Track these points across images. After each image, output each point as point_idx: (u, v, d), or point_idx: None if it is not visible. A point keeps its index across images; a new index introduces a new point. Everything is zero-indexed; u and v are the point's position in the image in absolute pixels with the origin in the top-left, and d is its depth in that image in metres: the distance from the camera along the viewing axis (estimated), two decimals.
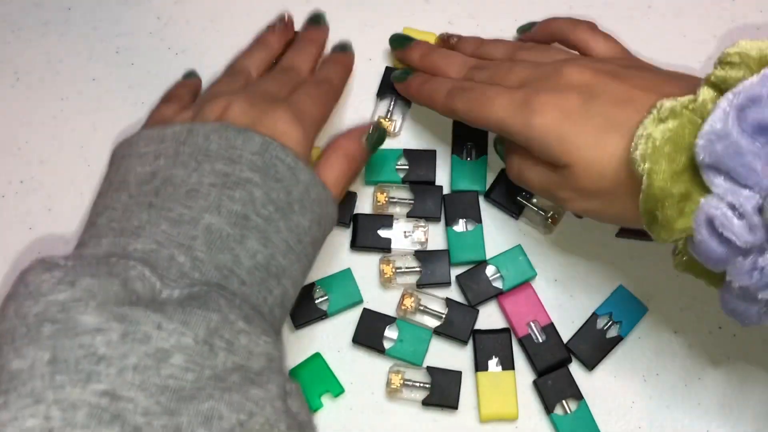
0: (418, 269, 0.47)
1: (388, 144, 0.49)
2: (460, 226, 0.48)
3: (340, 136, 0.44)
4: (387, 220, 0.48)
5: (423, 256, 0.47)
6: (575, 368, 0.47)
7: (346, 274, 0.47)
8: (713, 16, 0.52)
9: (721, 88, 0.33)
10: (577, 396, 0.45)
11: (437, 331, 0.46)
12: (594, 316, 0.47)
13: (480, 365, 0.46)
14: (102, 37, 0.54)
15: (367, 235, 0.47)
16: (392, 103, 0.50)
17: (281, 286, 0.37)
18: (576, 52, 0.45)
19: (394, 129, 0.50)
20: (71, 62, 0.53)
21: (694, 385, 0.46)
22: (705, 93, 0.33)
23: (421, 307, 0.46)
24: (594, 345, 0.46)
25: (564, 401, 0.45)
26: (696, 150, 0.31)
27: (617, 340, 0.46)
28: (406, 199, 0.49)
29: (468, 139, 0.49)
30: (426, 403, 0.45)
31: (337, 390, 0.46)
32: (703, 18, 0.52)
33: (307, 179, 0.38)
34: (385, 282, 0.47)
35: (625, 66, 0.40)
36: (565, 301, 0.48)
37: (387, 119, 0.50)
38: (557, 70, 0.40)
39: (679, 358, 0.46)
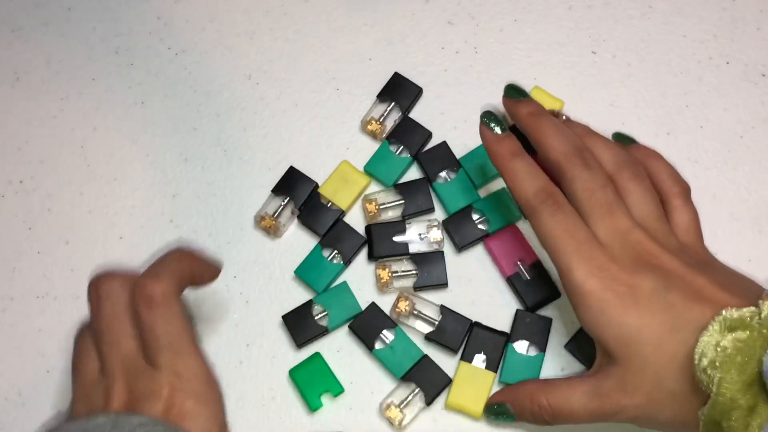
0: (414, 272, 0.47)
1: (371, 149, 0.50)
2: (444, 177, 0.48)
3: None
4: (400, 226, 0.48)
5: (418, 258, 0.47)
6: (575, 369, 0.46)
7: (343, 288, 0.47)
8: (713, 16, 0.52)
9: None
10: (541, 347, 0.46)
11: (429, 338, 0.46)
12: None
13: (466, 355, 0.46)
14: (102, 37, 0.54)
15: (383, 244, 0.47)
16: (389, 108, 0.51)
17: None
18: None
19: (382, 133, 0.50)
20: (71, 62, 0.54)
21: None
22: None
23: (415, 312, 0.46)
24: (591, 345, 0.43)
25: (529, 342, 0.46)
26: (765, 364, 0.31)
27: None
28: (395, 201, 0.49)
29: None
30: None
31: (337, 389, 0.46)
32: (703, 18, 0.52)
33: None
34: (382, 287, 0.47)
35: (700, 259, 0.38)
36: (565, 302, 0.48)
37: (378, 122, 0.50)
38: (644, 240, 0.37)
39: None
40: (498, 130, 0.41)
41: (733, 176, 0.49)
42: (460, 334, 0.46)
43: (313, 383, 0.46)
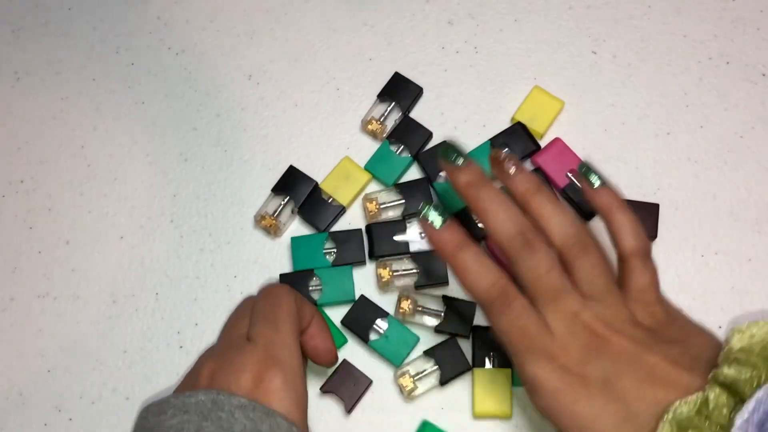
0: (414, 271, 0.47)
1: (371, 149, 0.50)
2: (443, 178, 0.48)
3: None
4: (400, 225, 0.48)
5: (419, 257, 0.47)
6: None
7: (345, 271, 0.47)
8: (713, 16, 0.52)
9: (730, 388, 0.33)
10: None
11: (438, 330, 0.46)
12: None
13: (477, 360, 0.46)
14: (102, 37, 0.54)
15: (383, 243, 0.47)
16: (389, 108, 0.51)
17: None
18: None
19: (382, 133, 0.50)
20: (71, 62, 0.54)
21: None
22: (717, 395, 0.33)
23: (419, 308, 0.46)
24: None
25: None
26: None
27: None
28: (396, 201, 0.49)
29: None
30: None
31: (341, 341, 0.46)
32: (703, 18, 0.52)
33: None
34: (383, 286, 0.47)
35: (654, 325, 0.37)
36: None
37: (378, 122, 0.50)
38: (599, 321, 0.36)
39: None
40: (438, 222, 0.39)
41: (733, 176, 0.49)
42: (467, 318, 0.46)
43: None
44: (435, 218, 0.39)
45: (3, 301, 0.49)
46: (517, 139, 0.49)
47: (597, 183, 0.41)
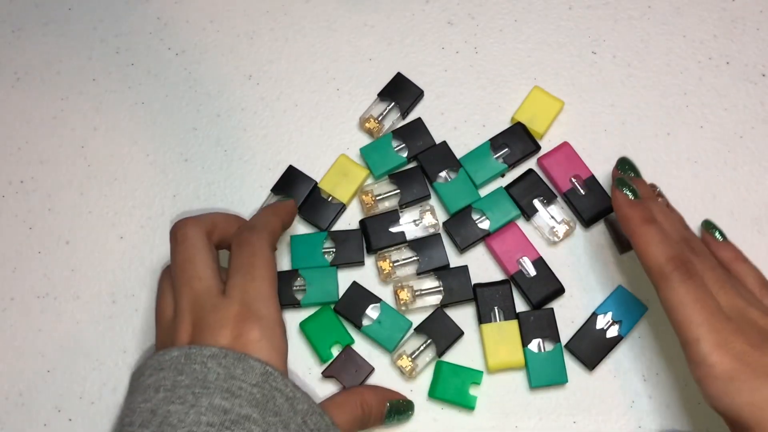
0: (415, 258, 0.47)
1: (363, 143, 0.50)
2: (444, 177, 0.48)
3: (367, 387, 0.44)
4: (394, 216, 0.48)
5: (416, 245, 0.47)
6: (575, 368, 0.47)
7: (330, 272, 0.47)
8: (713, 17, 0.53)
9: None
10: (555, 338, 0.46)
11: (444, 305, 0.46)
12: (594, 316, 0.47)
13: (483, 317, 0.46)
14: (102, 37, 0.54)
15: (379, 236, 0.47)
16: (388, 107, 0.50)
17: None
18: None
19: (379, 132, 0.50)
20: (71, 62, 0.54)
21: (693, 384, 0.46)
22: None
23: (418, 293, 0.47)
24: (594, 345, 0.46)
25: (541, 339, 0.46)
26: None
27: (617, 339, 0.46)
28: (391, 192, 0.48)
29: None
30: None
31: (347, 340, 0.46)
32: (703, 18, 0.53)
33: (305, 408, 0.37)
34: (386, 278, 0.48)
35: None
36: (565, 301, 0.48)
37: (376, 120, 0.50)
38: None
39: (679, 358, 0.45)
40: (630, 195, 0.42)
41: (733, 176, 0.49)
42: (465, 281, 0.46)
43: (324, 335, 0.46)
44: (629, 191, 0.42)
45: (3, 301, 0.49)
46: (517, 139, 0.50)
47: (720, 238, 0.45)
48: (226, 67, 0.53)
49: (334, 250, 0.48)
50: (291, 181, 0.49)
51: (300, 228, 0.50)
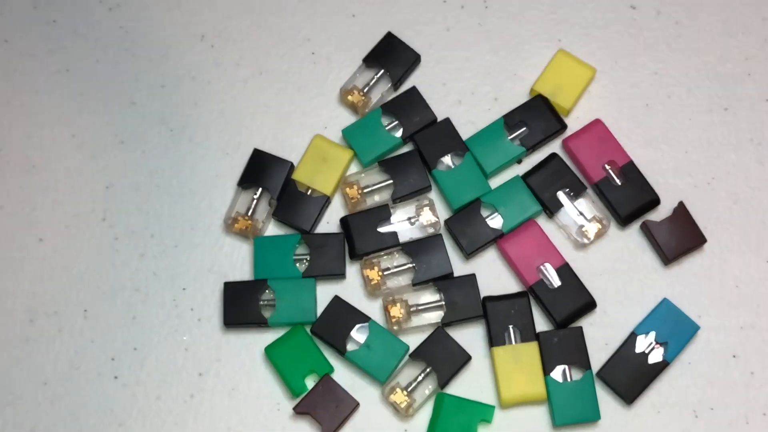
0: (410, 266, 0.46)
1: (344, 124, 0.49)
2: (446, 163, 0.48)
3: None
4: (383, 212, 0.47)
5: (412, 249, 0.46)
6: (609, 402, 0.45)
7: (306, 285, 0.46)
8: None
9: None
10: (584, 365, 0.45)
11: (446, 323, 0.45)
12: (633, 337, 0.46)
13: (495, 339, 0.45)
14: None
15: (366, 238, 0.46)
16: (377, 76, 0.49)
17: None
18: None
19: (365, 107, 0.49)
20: None
21: (757, 422, 0.45)
22: None
23: (414, 309, 0.46)
24: (633, 373, 0.45)
25: (567, 366, 0.45)
26: None
27: (662, 366, 0.45)
28: (382, 182, 0.47)
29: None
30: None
31: (325, 369, 0.45)
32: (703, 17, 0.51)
33: None
34: (373, 290, 0.46)
35: None
36: (597, 318, 0.47)
37: (361, 93, 0.49)
38: None
39: (740, 389, 0.45)
40: None
41: None
42: (473, 295, 0.46)
43: (296, 363, 0.45)
44: None
45: None
46: (538, 116, 0.49)
47: None
48: (173, 26, 0.51)
49: (307, 257, 0.46)
50: (260, 167, 0.48)
51: (274, 230, 0.48)
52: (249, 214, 0.47)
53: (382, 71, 0.49)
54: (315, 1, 0.51)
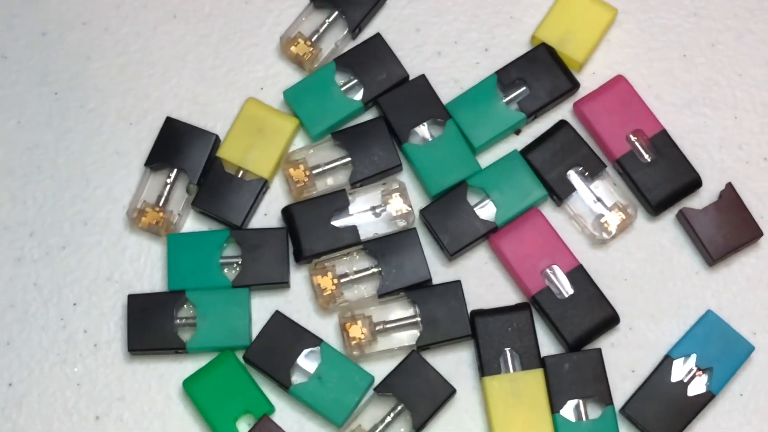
0: (375, 270, 0.43)
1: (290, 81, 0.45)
2: (422, 135, 0.44)
3: None
4: (339, 200, 0.43)
5: (378, 248, 0.43)
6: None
7: (237, 296, 0.42)
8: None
9: None
10: (605, 399, 0.41)
11: (424, 346, 0.42)
12: (667, 361, 0.42)
13: (487, 366, 0.42)
14: None
15: (316, 234, 0.43)
16: (328, 20, 0.46)
17: None
18: None
19: (313, 60, 0.45)
20: None
21: None
22: None
23: (381, 327, 0.42)
24: (668, 408, 0.41)
25: (581, 400, 0.41)
26: None
27: (706, 398, 0.41)
28: (337, 161, 0.44)
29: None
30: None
31: (264, 408, 0.42)
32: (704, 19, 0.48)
33: None
34: (326, 303, 0.42)
35: None
36: (621, 337, 0.43)
37: (308, 42, 0.45)
38: None
39: None
40: None
41: None
42: (458, 309, 0.42)
43: (225, 400, 0.42)
44: None
45: None
46: (542, 71, 0.45)
47: None
48: None
49: (239, 260, 0.43)
50: (175, 143, 0.44)
51: (194, 225, 0.44)
52: (161, 204, 0.44)
53: (336, 13, 0.46)
54: None
